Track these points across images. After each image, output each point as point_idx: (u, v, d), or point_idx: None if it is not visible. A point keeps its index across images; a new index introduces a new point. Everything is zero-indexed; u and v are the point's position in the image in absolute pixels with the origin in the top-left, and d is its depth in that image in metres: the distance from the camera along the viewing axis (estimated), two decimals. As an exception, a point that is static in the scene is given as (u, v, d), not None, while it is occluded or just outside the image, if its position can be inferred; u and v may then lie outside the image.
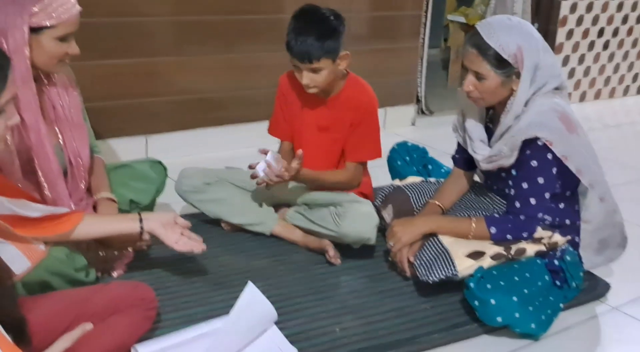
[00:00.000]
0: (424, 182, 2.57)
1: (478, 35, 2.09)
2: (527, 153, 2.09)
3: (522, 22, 2.16)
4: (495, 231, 2.14)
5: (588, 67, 4.98)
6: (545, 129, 2.05)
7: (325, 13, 2.33)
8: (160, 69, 3.29)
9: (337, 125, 2.48)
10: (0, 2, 1.88)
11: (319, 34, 2.26)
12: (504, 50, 2.05)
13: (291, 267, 2.40)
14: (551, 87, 2.13)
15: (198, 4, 3.28)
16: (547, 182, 2.09)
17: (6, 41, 1.88)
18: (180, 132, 3.42)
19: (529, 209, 2.12)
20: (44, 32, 1.93)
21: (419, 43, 4.17)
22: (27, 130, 1.97)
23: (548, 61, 2.12)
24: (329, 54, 2.29)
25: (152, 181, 2.41)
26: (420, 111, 4.38)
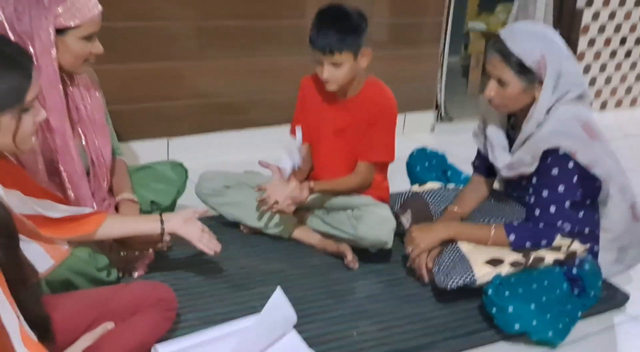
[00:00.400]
0: (443, 188, 2.58)
1: (501, 42, 2.09)
2: (548, 161, 2.09)
3: (546, 29, 2.16)
4: (514, 238, 2.14)
5: (610, 75, 4.95)
6: (568, 138, 2.04)
7: (349, 9, 2.34)
8: (182, 72, 3.32)
9: (354, 127, 2.47)
10: (23, 5, 1.90)
11: (341, 26, 2.28)
12: (527, 57, 2.05)
13: (309, 270, 2.41)
14: (574, 95, 2.12)
15: (220, 9, 3.31)
16: (568, 191, 2.09)
17: (32, 44, 1.91)
18: (201, 135, 3.44)
19: (548, 217, 2.11)
20: (68, 33, 1.95)
21: (439, 50, 4.18)
22: (52, 132, 2.00)
23: (571, 69, 2.12)
24: (350, 47, 2.29)
25: (173, 183, 2.43)
26: (440, 117, 4.38)
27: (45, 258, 1.78)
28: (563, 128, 2.06)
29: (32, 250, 1.73)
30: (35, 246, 1.74)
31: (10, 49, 1.41)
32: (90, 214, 1.89)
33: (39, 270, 1.60)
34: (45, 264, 1.77)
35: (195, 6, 3.25)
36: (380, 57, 3.81)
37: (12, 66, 1.39)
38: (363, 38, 2.32)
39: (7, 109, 1.38)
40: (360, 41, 2.31)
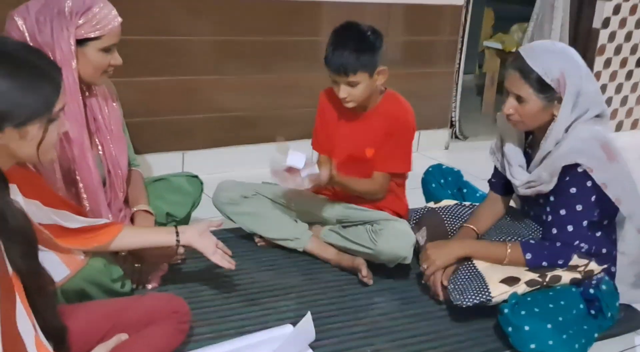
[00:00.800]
0: (459, 205, 2.56)
1: (521, 59, 2.08)
2: (567, 179, 2.07)
3: (566, 47, 2.15)
4: (530, 257, 2.12)
5: (625, 96, 4.93)
6: (586, 156, 2.03)
7: (364, 28, 2.35)
8: (199, 87, 3.33)
9: (372, 139, 2.48)
10: (44, 16, 1.92)
11: (356, 47, 2.29)
12: (547, 74, 2.04)
13: (323, 286, 2.40)
14: (593, 114, 2.11)
15: (237, 25, 3.33)
16: (586, 210, 2.07)
17: (53, 55, 1.92)
18: (216, 149, 3.45)
19: (566, 236, 2.10)
20: (88, 44, 1.97)
21: (454, 68, 4.18)
22: (70, 142, 2.01)
23: (591, 88, 2.11)
24: (366, 68, 2.30)
25: (188, 195, 2.43)
26: (454, 136, 4.37)
27: (61, 267, 1.78)
28: (582, 146, 2.05)
29: (49, 259, 1.73)
30: (51, 255, 1.74)
31: (42, 61, 1.43)
32: (106, 225, 1.89)
33: (55, 279, 1.60)
34: (61, 273, 1.78)
35: (213, 22, 3.27)
36: (396, 74, 3.80)
37: (43, 78, 1.41)
38: (378, 56, 2.33)
39: (36, 119, 1.40)
40: (376, 60, 2.32)
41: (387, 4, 3.76)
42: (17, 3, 1.99)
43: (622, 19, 4.63)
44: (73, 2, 1.94)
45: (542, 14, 4.49)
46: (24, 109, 1.37)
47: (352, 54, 2.28)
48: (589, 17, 4.57)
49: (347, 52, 2.28)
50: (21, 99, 1.36)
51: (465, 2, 4.05)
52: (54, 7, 1.93)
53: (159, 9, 3.08)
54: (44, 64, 1.43)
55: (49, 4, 1.93)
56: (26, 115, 1.37)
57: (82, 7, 1.94)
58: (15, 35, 1.92)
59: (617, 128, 4.97)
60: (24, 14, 1.93)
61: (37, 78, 1.39)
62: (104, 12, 1.97)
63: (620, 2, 4.57)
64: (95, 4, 1.96)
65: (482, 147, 2.50)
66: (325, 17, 3.56)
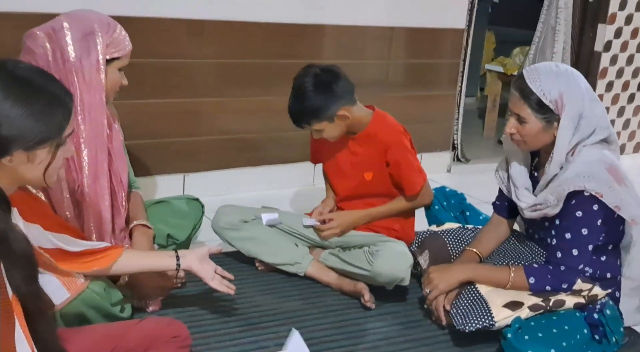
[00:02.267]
0: (461, 228, 2.55)
1: (522, 79, 2.10)
2: (573, 203, 2.06)
3: (569, 70, 2.15)
4: (534, 281, 2.11)
5: (628, 119, 4.93)
6: (594, 181, 2.02)
7: (315, 75, 2.35)
8: (201, 109, 3.34)
9: (369, 163, 2.51)
10: (72, 35, 1.96)
11: (301, 100, 2.33)
12: (545, 95, 2.05)
13: (324, 310, 2.38)
14: (599, 138, 2.11)
15: (239, 47, 3.34)
16: (591, 234, 2.06)
17: (80, 73, 1.96)
18: (218, 172, 3.45)
19: (570, 260, 2.08)
20: (111, 63, 2.03)
21: (456, 91, 4.19)
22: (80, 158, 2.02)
23: (595, 111, 2.10)
24: (318, 118, 2.34)
25: (189, 218, 2.43)
26: (456, 158, 4.37)
27: (61, 291, 1.78)
28: (589, 170, 2.04)
29: (49, 282, 1.73)
30: (51, 278, 1.74)
31: (55, 86, 1.45)
32: (106, 249, 1.89)
33: (55, 302, 1.59)
34: (61, 297, 1.77)
35: (215, 44, 3.28)
36: (398, 97, 3.87)
37: (56, 103, 1.43)
38: (332, 105, 2.33)
39: (47, 143, 1.42)
40: (329, 109, 2.34)
41: (389, 27, 3.77)
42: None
43: (624, 42, 4.65)
44: (99, 24, 2.01)
45: (543, 37, 4.50)
46: (35, 134, 1.39)
47: (300, 108, 2.34)
48: (590, 40, 4.59)
49: (294, 106, 2.35)
50: (33, 123, 1.38)
51: (466, 26, 4.06)
52: (81, 27, 1.98)
53: (162, 32, 3.09)
54: (56, 89, 1.45)
55: (76, 24, 1.99)
56: (37, 139, 1.39)
57: (108, 28, 2.02)
58: (38, 53, 1.95)
59: (620, 151, 4.95)
60: (48, 32, 1.97)
61: (49, 103, 1.41)
62: (123, 34, 2.06)
63: (622, 25, 4.59)
64: (116, 26, 2.05)
65: (484, 170, 2.49)
66: (327, 40, 3.58)
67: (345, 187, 2.58)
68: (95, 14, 2.05)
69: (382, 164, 2.49)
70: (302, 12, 3.46)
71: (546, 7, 4.48)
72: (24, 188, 1.63)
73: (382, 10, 3.71)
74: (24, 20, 2.71)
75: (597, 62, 4.59)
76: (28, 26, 2.04)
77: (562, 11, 4.41)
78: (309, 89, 2.33)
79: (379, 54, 3.80)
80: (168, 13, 3.10)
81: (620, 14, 4.55)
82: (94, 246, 1.85)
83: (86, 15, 2.04)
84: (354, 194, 2.58)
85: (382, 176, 2.52)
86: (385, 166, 2.50)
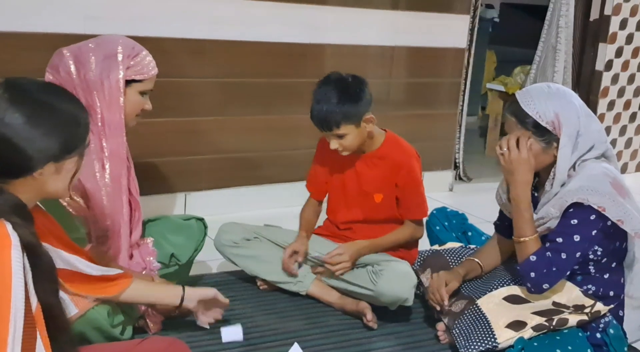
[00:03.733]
0: (463, 248, 2.53)
1: (516, 103, 2.10)
2: (571, 211, 2.05)
3: (561, 89, 2.16)
4: (534, 260, 2.07)
5: (630, 138, 4.93)
6: (597, 195, 2.01)
7: (346, 79, 2.36)
8: (202, 128, 3.34)
9: (378, 183, 2.49)
10: (96, 56, 2.01)
11: (336, 102, 2.30)
12: (541, 117, 2.05)
13: (326, 330, 2.36)
14: (598, 152, 2.11)
15: (240, 66, 3.36)
16: (582, 242, 2.04)
17: (101, 92, 2.01)
18: (219, 191, 3.44)
19: (559, 264, 2.05)
20: (132, 85, 2.07)
21: (457, 110, 4.19)
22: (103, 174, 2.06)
23: (592, 127, 2.11)
24: (349, 120, 2.32)
25: (192, 237, 2.41)
26: (458, 177, 4.36)
27: (70, 306, 1.80)
28: (592, 184, 2.03)
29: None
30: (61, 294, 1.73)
31: (69, 98, 1.51)
32: (117, 277, 1.90)
33: None
34: (69, 312, 1.77)
35: (217, 63, 3.29)
36: (399, 116, 3.87)
37: (79, 112, 1.48)
38: (361, 106, 2.33)
39: (73, 152, 1.46)
40: (358, 110, 2.33)
41: (390, 46, 3.79)
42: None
43: (625, 61, 4.66)
44: (123, 46, 2.05)
45: (544, 57, 4.52)
46: (62, 146, 1.43)
47: (332, 109, 2.30)
48: (591, 59, 4.60)
49: (327, 107, 2.30)
50: (57, 137, 1.42)
51: (468, 45, 4.08)
52: (105, 49, 2.04)
53: (164, 52, 3.10)
54: (70, 101, 1.50)
55: (101, 46, 2.05)
56: (64, 151, 1.44)
57: (132, 51, 2.07)
58: (62, 71, 2.00)
59: (622, 170, 4.95)
60: (75, 52, 2.03)
61: (75, 112, 1.47)
62: (148, 59, 2.11)
63: (623, 45, 4.60)
64: (142, 50, 2.10)
65: (486, 188, 2.49)
66: (328, 59, 3.58)
67: (352, 211, 2.56)
68: (123, 39, 2.10)
69: (392, 186, 2.48)
70: (303, 32, 3.48)
71: (547, 26, 4.50)
72: (37, 207, 1.62)
73: (383, 29, 3.73)
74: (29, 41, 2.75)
75: (598, 81, 4.60)
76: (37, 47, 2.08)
77: (562, 31, 4.43)
78: (342, 90, 2.32)
79: (380, 73, 3.81)
80: (170, 33, 3.11)
81: (621, 34, 4.57)
82: (107, 272, 1.85)
83: (113, 39, 2.10)
84: (360, 219, 2.55)
85: (391, 199, 2.50)
86: (394, 188, 2.48)
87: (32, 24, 2.77)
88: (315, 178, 2.63)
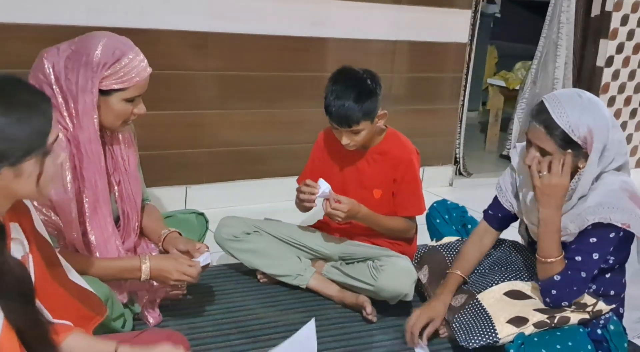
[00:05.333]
0: (460, 241, 2.53)
1: (546, 112, 2.00)
2: (589, 229, 2.03)
3: (593, 99, 2.06)
4: (558, 279, 2.05)
5: (630, 134, 4.92)
6: (619, 213, 1.99)
7: (362, 75, 2.37)
8: (203, 121, 3.34)
9: (378, 179, 2.50)
10: (73, 63, 1.90)
11: (356, 98, 2.30)
12: (573, 132, 1.97)
13: (326, 323, 2.36)
14: (617, 164, 2.08)
15: (242, 60, 3.35)
16: (600, 259, 2.05)
17: (75, 102, 1.90)
18: (220, 184, 3.44)
19: (579, 282, 2.06)
20: (113, 94, 1.94)
21: (458, 105, 4.19)
22: (84, 185, 1.98)
23: (616, 138, 2.06)
24: (367, 117, 2.33)
25: (193, 231, 2.41)
26: (458, 172, 4.36)
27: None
28: (611, 200, 2.01)
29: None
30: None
31: (30, 95, 1.39)
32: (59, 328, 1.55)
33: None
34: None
35: (218, 57, 3.29)
36: (400, 111, 3.86)
37: (33, 111, 1.36)
38: (378, 102, 2.34)
39: (31, 154, 1.36)
40: (375, 107, 2.34)
41: (392, 41, 3.78)
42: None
43: (626, 57, 4.65)
44: (102, 52, 1.90)
45: (545, 52, 4.52)
46: (17, 148, 1.32)
47: (353, 107, 2.29)
48: (592, 55, 4.59)
49: (348, 104, 2.29)
50: (14, 135, 1.31)
51: (469, 40, 4.08)
52: (83, 54, 1.90)
53: (165, 44, 3.10)
54: (32, 95, 1.39)
55: (79, 51, 1.91)
56: (20, 153, 1.33)
57: (111, 58, 1.91)
58: (41, 76, 1.91)
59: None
60: (54, 58, 1.92)
61: (26, 113, 1.34)
62: (132, 64, 1.93)
63: (624, 41, 4.60)
64: (124, 55, 1.92)
65: (486, 184, 2.49)
66: (331, 53, 3.58)
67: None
68: (106, 40, 1.93)
69: (391, 181, 2.49)
70: (305, 26, 3.47)
71: (548, 22, 4.50)
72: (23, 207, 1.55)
73: (385, 24, 3.72)
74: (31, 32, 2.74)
75: (599, 78, 4.59)
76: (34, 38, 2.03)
77: (564, 26, 4.43)
78: (361, 87, 2.33)
79: (381, 68, 3.80)
80: (171, 25, 3.11)
81: (622, 30, 4.56)
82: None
83: (93, 41, 1.93)
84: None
85: (389, 195, 2.51)
86: (392, 184, 2.49)
87: (34, 15, 2.76)
88: (310, 176, 2.62)
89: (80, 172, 1.96)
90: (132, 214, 2.16)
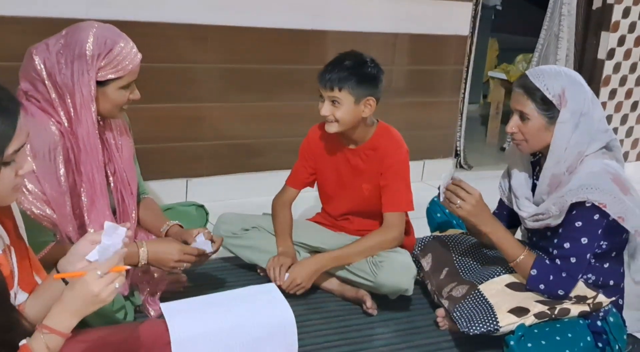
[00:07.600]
0: (464, 234, 2.54)
1: (526, 77, 2.13)
2: (574, 213, 2.05)
3: (572, 71, 2.19)
4: (535, 273, 2.09)
5: (631, 127, 4.92)
6: (597, 192, 2.01)
7: (366, 58, 2.37)
8: (204, 114, 3.34)
9: (369, 175, 2.47)
10: (65, 57, 1.90)
11: (350, 68, 2.31)
12: (548, 90, 2.07)
13: (326, 316, 2.37)
14: (600, 145, 2.11)
15: (242, 52, 3.35)
16: (591, 243, 2.05)
17: (72, 96, 1.90)
18: (220, 177, 3.44)
19: (570, 268, 2.07)
20: (109, 84, 1.95)
21: (459, 98, 4.19)
22: (81, 178, 1.99)
23: (595, 112, 2.11)
24: (352, 88, 2.30)
25: (193, 223, 2.40)
26: (459, 165, 4.36)
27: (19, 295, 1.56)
28: (593, 182, 2.03)
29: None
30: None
31: None
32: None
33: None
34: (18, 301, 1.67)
35: (219, 50, 3.29)
36: (401, 104, 3.87)
37: None
38: (368, 85, 2.33)
39: None
40: (364, 86, 2.32)
41: (393, 33, 3.78)
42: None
43: (627, 50, 4.64)
44: (94, 43, 1.90)
45: (546, 45, 4.51)
46: None
47: (340, 72, 2.30)
48: (593, 47, 4.58)
49: (337, 69, 2.31)
50: None
51: (470, 32, 4.07)
52: (74, 48, 1.90)
53: (166, 37, 3.10)
54: None
55: (70, 45, 1.90)
56: None
57: (104, 48, 1.91)
58: (33, 73, 1.90)
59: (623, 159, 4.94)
60: (44, 54, 1.91)
61: None
62: (124, 52, 1.94)
63: (625, 33, 4.59)
64: (116, 44, 1.93)
65: (487, 176, 2.49)
66: (331, 46, 3.57)
67: (345, 201, 2.55)
68: (95, 30, 1.92)
69: (378, 175, 2.46)
70: (306, 18, 3.46)
71: (549, 14, 4.49)
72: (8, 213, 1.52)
73: (385, 16, 3.71)
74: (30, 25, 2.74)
75: (600, 70, 4.58)
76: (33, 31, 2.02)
77: (565, 19, 4.42)
78: (358, 61, 2.34)
79: (382, 60, 3.72)
80: (172, 18, 3.10)
81: (624, 22, 4.55)
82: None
83: (83, 33, 1.91)
84: (355, 210, 2.55)
85: (377, 190, 2.47)
86: (379, 177, 2.45)
87: (33, 8, 2.76)
88: (296, 174, 2.62)
89: (77, 166, 1.96)
90: (129, 201, 2.16)
